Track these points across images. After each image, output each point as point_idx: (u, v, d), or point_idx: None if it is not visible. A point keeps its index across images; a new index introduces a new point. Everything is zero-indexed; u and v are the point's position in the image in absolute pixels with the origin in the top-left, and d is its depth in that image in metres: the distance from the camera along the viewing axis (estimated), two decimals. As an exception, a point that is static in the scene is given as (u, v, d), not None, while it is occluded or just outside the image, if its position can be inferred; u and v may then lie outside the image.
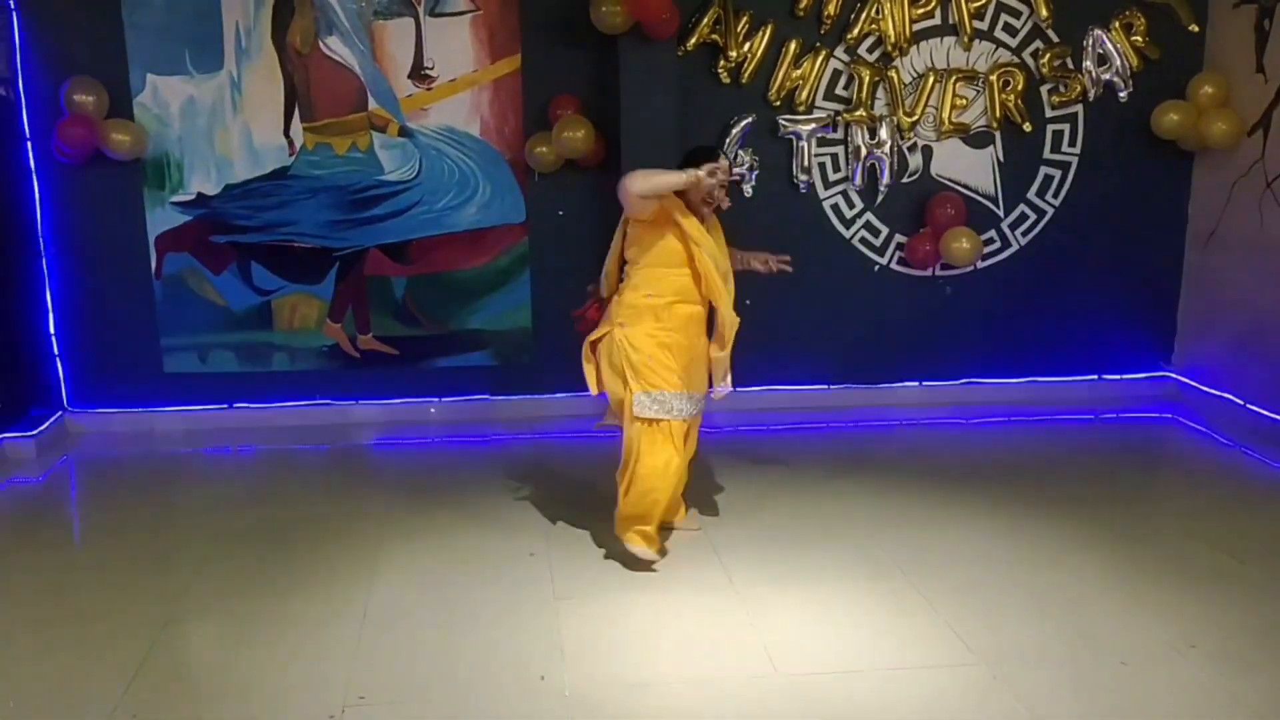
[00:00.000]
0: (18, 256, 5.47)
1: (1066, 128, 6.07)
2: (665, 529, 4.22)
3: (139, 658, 3.35)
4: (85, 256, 5.69)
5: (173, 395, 5.88)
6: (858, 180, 5.97)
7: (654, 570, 3.98)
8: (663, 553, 4.03)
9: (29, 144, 5.49)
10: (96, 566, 4.19)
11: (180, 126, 5.59)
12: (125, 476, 5.21)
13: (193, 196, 5.68)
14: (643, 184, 3.77)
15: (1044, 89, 6.00)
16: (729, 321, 3.93)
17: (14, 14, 5.36)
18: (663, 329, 3.91)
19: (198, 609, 3.73)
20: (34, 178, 5.54)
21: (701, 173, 3.81)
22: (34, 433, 5.45)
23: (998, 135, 6.02)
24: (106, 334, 5.78)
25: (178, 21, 5.48)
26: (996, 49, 5.92)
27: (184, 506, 4.85)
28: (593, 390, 4.07)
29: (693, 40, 5.68)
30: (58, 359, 5.77)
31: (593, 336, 4.05)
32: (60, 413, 5.77)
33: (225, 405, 5.94)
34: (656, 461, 3.90)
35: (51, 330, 5.73)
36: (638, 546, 3.97)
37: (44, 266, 5.65)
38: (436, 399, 6.05)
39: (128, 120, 5.48)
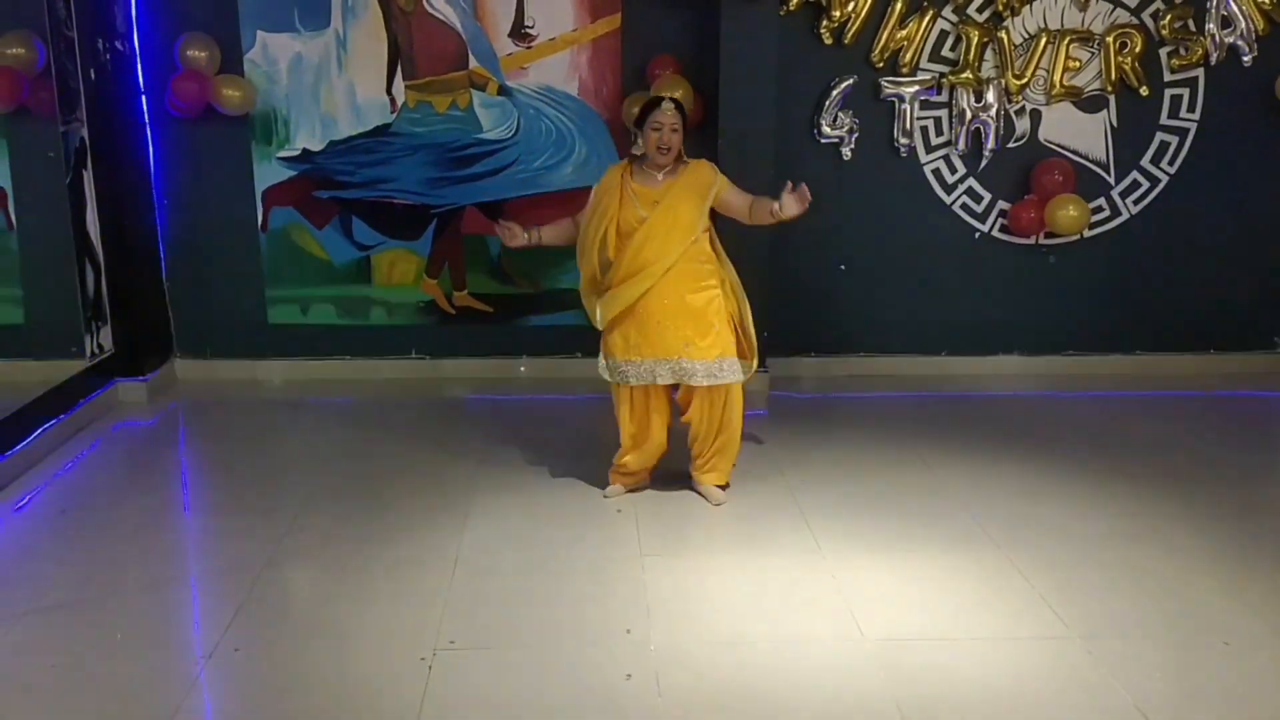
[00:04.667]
0: (133, 207, 5.67)
1: (1186, 92, 5.82)
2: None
3: (242, 595, 3.48)
4: (196, 209, 5.86)
5: (276, 345, 6.06)
6: (961, 145, 5.82)
7: (740, 531, 3.99)
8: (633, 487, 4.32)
9: (144, 97, 5.67)
10: (202, 507, 4.36)
11: (288, 83, 5.71)
12: (230, 423, 5.40)
13: (298, 152, 5.80)
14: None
15: (1163, 51, 5.76)
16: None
17: (131, -29, 5.53)
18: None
19: (297, 551, 3.85)
20: (148, 130, 5.72)
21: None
22: (145, 378, 5.66)
23: (1112, 99, 5.80)
24: (215, 284, 5.96)
25: (287, -21, 5.59)
26: (1114, 9, 5.69)
27: (284, 453, 5.00)
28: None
29: (795, 0, 5.59)
30: (169, 307, 5.97)
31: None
32: (170, 359, 5.99)
33: (325, 357, 6.09)
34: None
35: (164, 279, 5.93)
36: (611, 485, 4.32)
37: (157, 217, 5.84)
38: (527, 356, 6.12)
39: (238, 76, 5.61)
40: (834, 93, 5.71)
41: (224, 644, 3.19)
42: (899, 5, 5.60)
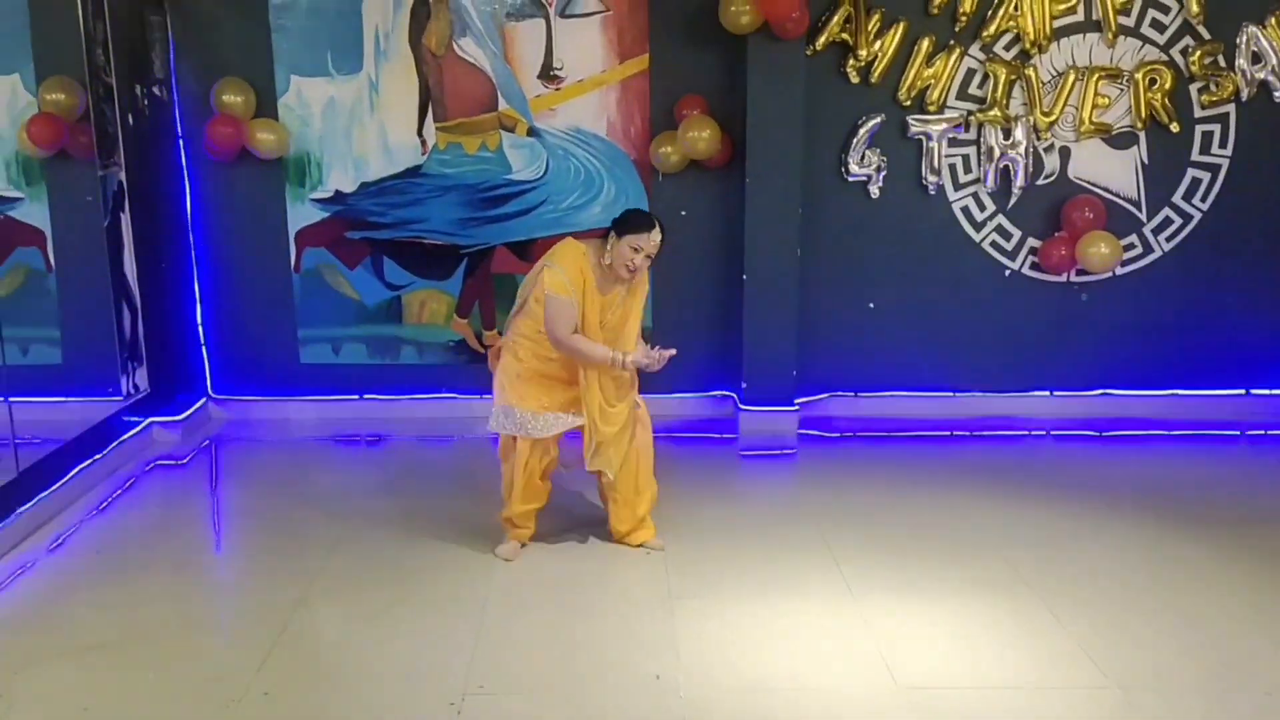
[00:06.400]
0: (170, 249, 5.76)
1: (1217, 128, 5.78)
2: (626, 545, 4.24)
3: (273, 637, 3.49)
4: (231, 250, 5.94)
5: (308, 385, 6.10)
6: (990, 182, 5.81)
7: (770, 573, 3.96)
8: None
9: (181, 142, 5.77)
10: (234, 546, 4.38)
11: (321, 126, 5.79)
12: (262, 462, 5.44)
13: (331, 194, 5.88)
14: (568, 349, 3.93)
15: (1193, 88, 5.73)
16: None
17: (168, 18, 5.64)
18: (537, 355, 4.07)
19: (328, 592, 3.85)
20: (185, 174, 5.82)
21: (628, 360, 3.91)
22: (180, 417, 5.72)
23: (1142, 136, 5.77)
24: (249, 325, 6.03)
25: (321, 24, 5.68)
26: (1143, 46, 5.67)
27: (316, 492, 5.01)
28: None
29: (822, 39, 5.60)
30: (204, 348, 6.05)
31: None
32: (204, 399, 6.05)
33: (356, 396, 6.13)
34: (507, 469, 4.16)
35: (199, 320, 6.01)
36: (503, 545, 4.18)
37: (193, 259, 5.93)
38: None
39: (272, 120, 5.70)
40: (861, 131, 5.72)
41: (254, 687, 3.19)
42: (926, 44, 5.61)
